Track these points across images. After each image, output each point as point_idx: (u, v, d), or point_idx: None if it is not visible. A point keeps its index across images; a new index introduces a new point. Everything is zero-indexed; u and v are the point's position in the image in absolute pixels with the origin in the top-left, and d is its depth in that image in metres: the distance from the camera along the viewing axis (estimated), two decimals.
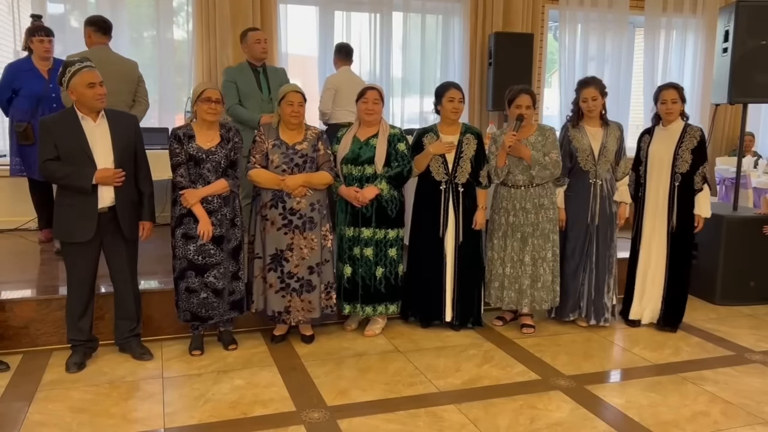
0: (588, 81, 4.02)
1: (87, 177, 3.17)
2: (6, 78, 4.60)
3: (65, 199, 3.23)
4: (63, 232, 3.26)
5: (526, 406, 3.05)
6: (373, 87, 3.84)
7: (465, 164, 3.87)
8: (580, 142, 3.99)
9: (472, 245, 3.96)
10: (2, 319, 3.50)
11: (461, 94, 3.90)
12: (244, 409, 2.97)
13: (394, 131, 3.83)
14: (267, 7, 5.88)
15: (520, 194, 3.93)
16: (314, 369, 3.43)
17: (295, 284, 3.62)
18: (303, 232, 3.59)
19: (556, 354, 3.72)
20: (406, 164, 3.79)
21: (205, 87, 3.44)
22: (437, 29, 6.59)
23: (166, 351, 3.62)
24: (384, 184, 3.74)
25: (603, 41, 6.98)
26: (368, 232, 3.81)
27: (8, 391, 3.09)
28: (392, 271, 3.87)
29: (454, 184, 3.89)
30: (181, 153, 3.41)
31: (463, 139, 3.89)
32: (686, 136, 3.97)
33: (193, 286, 3.48)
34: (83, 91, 3.14)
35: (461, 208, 3.90)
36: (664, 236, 4.05)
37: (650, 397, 3.19)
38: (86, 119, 3.19)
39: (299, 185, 3.55)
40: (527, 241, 3.94)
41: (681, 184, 3.98)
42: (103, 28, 4.39)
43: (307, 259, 3.61)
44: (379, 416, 2.92)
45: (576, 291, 4.08)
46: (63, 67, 3.18)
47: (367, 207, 3.77)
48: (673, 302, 4.11)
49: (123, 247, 3.39)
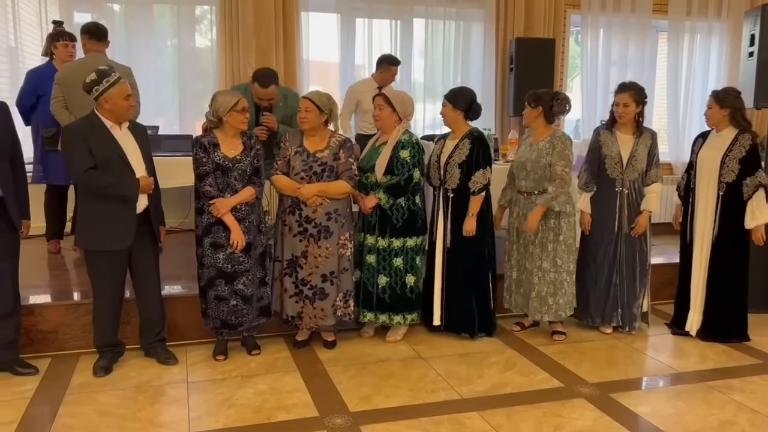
0: (624, 86, 3.94)
1: (133, 186, 3.20)
2: (30, 84, 4.59)
3: (100, 208, 3.20)
4: (95, 241, 3.24)
5: (550, 414, 3.04)
6: (380, 93, 3.81)
7: (453, 170, 3.80)
8: (609, 149, 3.95)
9: (469, 252, 3.86)
10: (31, 323, 3.56)
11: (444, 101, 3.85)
12: (267, 414, 2.99)
13: (401, 138, 3.74)
14: (289, 15, 5.93)
15: (523, 201, 3.92)
16: (337, 375, 3.45)
17: (308, 291, 3.64)
18: (318, 241, 3.60)
19: (579, 361, 3.69)
20: (405, 173, 3.69)
21: (239, 97, 3.46)
22: (458, 35, 6.58)
23: (191, 356, 3.66)
24: (382, 193, 3.72)
25: (625, 46, 6.91)
26: (371, 239, 3.80)
27: (38, 394, 3.15)
28: (398, 281, 3.82)
29: (444, 189, 3.87)
30: (208, 162, 3.43)
31: (459, 144, 3.83)
32: (736, 144, 3.85)
33: (223, 294, 3.50)
34: (120, 102, 3.16)
35: (450, 214, 3.86)
36: (709, 245, 3.97)
37: (676, 406, 3.15)
38: (114, 128, 3.22)
39: (313, 194, 3.55)
40: (528, 248, 3.92)
41: (726, 194, 3.87)
42: (97, 35, 4.41)
43: (320, 268, 3.62)
44: (401, 423, 2.93)
45: (598, 297, 4.05)
46: (98, 76, 3.14)
47: (372, 215, 3.77)
48: (715, 314, 3.99)
49: (152, 252, 3.43)
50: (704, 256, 4.00)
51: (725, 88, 4.01)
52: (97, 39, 4.41)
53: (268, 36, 5.85)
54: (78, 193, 3.29)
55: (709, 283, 3.99)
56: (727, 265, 3.95)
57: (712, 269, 3.97)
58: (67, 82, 4.16)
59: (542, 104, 3.82)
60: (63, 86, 4.20)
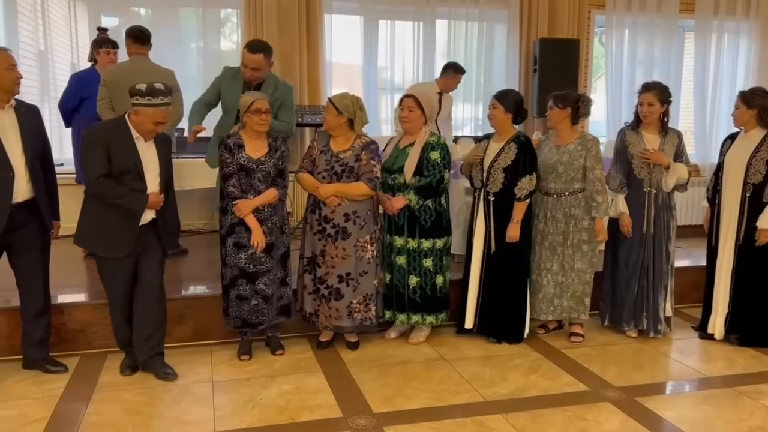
0: (648, 85, 3.91)
1: (141, 202, 3.14)
2: (73, 87, 4.77)
3: (106, 216, 3.15)
4: (102, 248, 3.21)
5: (575, 417, 3.01)
6: (410, 94, 3.80)
7: (497, 174, 3.76)
8: (636, 149, 3.91)
9: (510, 257, 3.83)
10: (61, 322, 3.63)
11: (495, 103, 3.81)
12: (291, 415, 3.01)
13: (430, 139, 3.75)
14: (313, 18, 5.97)
15: (551, 203, 3.87)
16: (360, 376, 3.46)
17: (324, 290, 3.66)
18: (335, 241, 3.61)
19: (605, 365, 3.65)
20: (436, 174, 3.69)
21: (254, 98, 3.48)
22: (481, 36, 6.56)
23: (216, 355, 3.70)
24: (412, 194, 3.71)
25: (651, 46, 6.83)
26: (400, 241, 3.80)
27: (67, 392, 3.21)
28: (428, 281, 3.82)
29: (485, 192, 3.84)
30: (233, 163, 3.47)
31: (505, 147, 3.80)
32: (764, 144, 3.78)
33: (245, 294, 3.54)
34: (148, 126, 3.09)
35: (492, 218, 3.83)
36: (733, 247, 3.92)
37: (704, 411, 3.11)
38: (140, 139, 3.14)
39: (331, 194, 3.57)
40: (556, 249, 3.88)
41: (752, 195, 3.81)
42: (140, 39, 4.53)
43: (336, 268, 3.63)
44: (425, 424, 2.92)
45: (631, 301, 4.00)
46: (146, 91, 3.03)
47: (399, 216, 3.76)
48: (741, 317, 3.93)
49: (159, 259, 3.36)
50: (728, 258, 3.94)
51: (752, 88, 3.95)
52: (140, 42, 4.54)
53: (292, 38, 5.89)
54: (86, 195, 3.23)
55: (735, 286, 3.93)
56: (754, 268, 3.88)
57: (737, 272, 3.91)
58: (114, 84, 4.28)
59: (570, 105, 3.80)
60: (110, 87, 4.33)
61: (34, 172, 3.16)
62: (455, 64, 5.65)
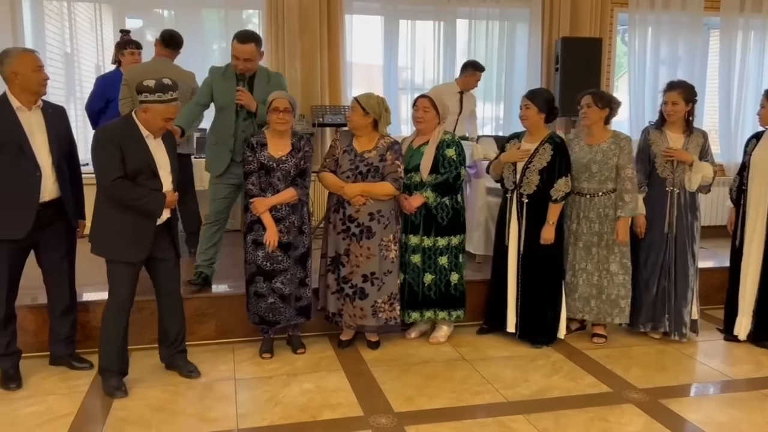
0: (673, 84, 3.86)
1: (160, 201, 3.09)
2: (99, 89, 4.85)
3: (120, 217, 3.06)
4: (119, 252, 3.10)
5: (598, 419, 2.99)
6: (424, 95, 3.81)
7: (532, 175, 3.73)
8: (659, 148, 3.87)
9: (544, 260, 3.80)
10: (86, 320, 3.68)
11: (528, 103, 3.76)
12: (313, 413, 3.02)
13: (444, 137, 3.75)
14: (334, 18, 5.99)
15: (584, 203, 3.83)
16: (381, 375, 3.46)
17: (348, 290, 3.67)
18: (360, 241, 3.62)
19: (628, 366, 3.62)
20: (453, 171, 3.69)
21: (275, 96, 3.50)
22: (502, 35, 6.54)
23: (238, 353, 3.73)
24: (429, 192, 3.70)
25: (675, 44, 6.75)
26: (415, 240, 3.79)
27: (92, 388, 3.25)
28: (443, 279, 3.81)
29: (518, 193, 3.81)
30: (254, 161, 3.50)
31: (539, 148, 3.75)
32: None
33: (262, 291, 3.57)
34: (158, 122, 3.04)
35: (524, 220, 3.80)
36: (761, 248, 3.86)
37: (730, 414, 3.06)
38: (150, 137, 3.10)
39: (356, 194, 3.58)
40: (590, 250, 3.85)
41: None
42: (167, 41, 4.64)
43: (361, 267, 3.63)
44: (446, 424, 2.92)
45: (649, 302, 3.95)
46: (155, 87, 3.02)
47: (415, 215, 3.76)
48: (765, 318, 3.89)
49: (174, 260, 3.33)
50: (754, 259, 3.89)
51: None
52: (166, 45, 4.65)
53: (313, 39, 5.92)
54: (99, 198, 3.11)
55: (762, 287, 3.88)
56: None
57: (764, 273, 3.85)
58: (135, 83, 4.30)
59: (609, 106, 3.78)
60: (131, 87, 4.38)
61: (60, 172, 3.20)
62: (474, 61, 5.67)
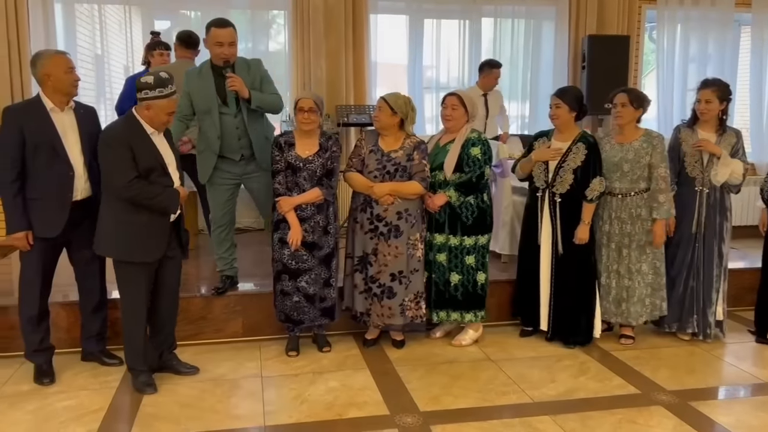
0: (707, 82, 3.80)
1: (175, 199, 3.11)
2: (129, 90, 4.84)
3: (139, 218, 3.04)
4: (134, 253, 3.07)
5: (626, 421, 2.96)
6: (453, 93, 3.78)
7: (566, 174, 3.69)
8: (689, 146, 3.82)
9: (580, 259, 3.76)
10: (116, 317, 3.69)
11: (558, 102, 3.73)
12: (339, 411, 3.04)
13: (470, 135, 3.72)
14: (359, 18, 6.00)
15: (615, 203, 3.78)
16: (406, 374, 3.47)
17: (376, 289, 3.67)
18: (387, 240, 3.62)
19: (656, 367, 3.57)
20: (477, 170, 3.65)
21: (300, 96, 3.55)
22: (528, 34, 6.49)
23: (264, 351, 3.76)
24: (452, 191, 3.68)
25: (705, 41, 6.63)
26: (441, 238, 3.77)
27: (123, 384, 3.31)
28: (470, 279, 3.79)
29: (551, 193, 3.77)
30: (281, 161, 3.54)
31: (572, 147, 3.71)
32: None
33: (287, 289, 3.60)
34: (162, 117, 3.04)
35: (558, 219, 3.76)
36: None
37: (761, 418, 3.01)
38: (155, 134, 3.09)
39: (386, 193, 3.58)
40: (622, 251, 3.80)
41: None
42: (186, 42, 4.69)
43: (389, 266, 3.64)
44: (472, 424, 2.92)
45: (677, 303, 3.90)
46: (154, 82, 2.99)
47: (440, 213, 3.74)
48: None
49: (180, 261, 3.33)
50: None
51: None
52: (185, 46, 4.70)
53: (338, 39, 5.93)
54: (110, 200, 3.08)
55: None
56: None
57: None
58: None
59: (643, 106, 3.73)
60: None
61: (92, 171, 3.25)
62: (488, 60, 5.67)
